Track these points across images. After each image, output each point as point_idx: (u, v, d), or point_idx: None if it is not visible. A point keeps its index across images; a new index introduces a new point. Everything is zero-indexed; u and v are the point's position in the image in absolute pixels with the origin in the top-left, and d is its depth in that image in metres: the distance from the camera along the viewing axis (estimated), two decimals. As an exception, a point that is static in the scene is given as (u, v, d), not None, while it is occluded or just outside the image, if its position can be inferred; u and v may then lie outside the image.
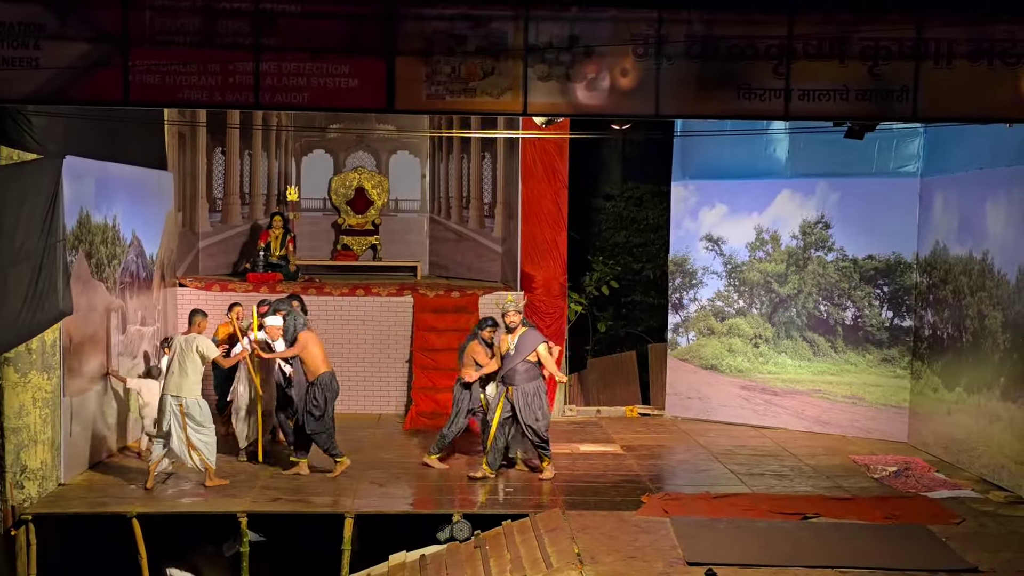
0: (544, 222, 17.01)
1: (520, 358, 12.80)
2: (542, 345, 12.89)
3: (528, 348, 12.83)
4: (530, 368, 12.86)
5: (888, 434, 15.32)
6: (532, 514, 11.54)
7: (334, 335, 16.31)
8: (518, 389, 12.78)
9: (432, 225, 19.55)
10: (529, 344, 12.85)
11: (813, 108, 10.69)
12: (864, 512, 11.78)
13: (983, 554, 10.42)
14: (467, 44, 10.45)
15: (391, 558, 11.45)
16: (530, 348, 12.83)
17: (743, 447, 14.96)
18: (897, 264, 15.34)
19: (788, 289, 16.19)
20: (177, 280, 16.60)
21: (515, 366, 12.80)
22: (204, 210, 18.45)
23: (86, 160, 12.60)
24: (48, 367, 11.92)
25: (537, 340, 12.92)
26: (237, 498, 12.06)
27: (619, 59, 10.51)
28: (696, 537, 10.73)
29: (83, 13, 10.13)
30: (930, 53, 10.54)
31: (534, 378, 12.88)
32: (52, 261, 11.63)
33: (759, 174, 16.33)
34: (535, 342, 12.89)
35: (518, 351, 12.83)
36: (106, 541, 11.65)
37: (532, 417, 12.79)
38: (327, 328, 16.10)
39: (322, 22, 10.39)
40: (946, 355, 14.32)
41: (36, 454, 11.82)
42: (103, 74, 10.20)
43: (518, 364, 12.80)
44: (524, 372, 12.83)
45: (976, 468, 13.44)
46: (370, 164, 19.52)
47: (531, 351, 12.83)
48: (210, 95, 10.41)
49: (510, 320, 12.97)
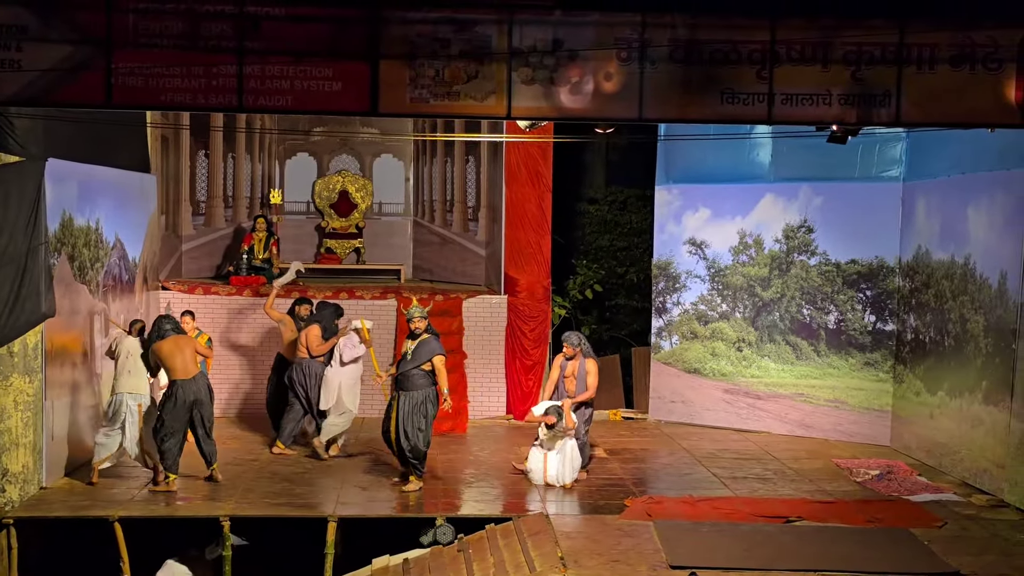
0: (528, 226, 17.01)
1: (415, 365, 12.48)
2: (438, 357, 12.56)
3: (424, 357, 12.49)
4: (423, 376, 12.54)
5: (871, 438, 15.36)
6: (515, 518, 11.53)
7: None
8: (407, 396, 12.47)
9: (416, 228, 19.55)
10: (426, 353, 12.51)
11: (796, 112, 10.74)
12: (847, 516, 11.80)
13: (965, 557, 10.45)
14: (451, 48, 10.47)
15: (374, 562, 11.44)
16: (426, 357, 12.50)
17: (726, 451, 14.98)
18: (880, 268, 15.38)
19: (771, 293, 16.22)
20: (160, 283, 16.55)
21: (408, 372, 12.51)
22: (187, 213, 18.41)
23: (69, 163, 12.55)
24: (30, 370, 11.87)
25: (435, 350, 12.57)
26: (220, 502, 12.02)
27: (603, 63, 10.54)
28: (679, 541, 10.74)
29: (66, 15, 10.13)
30: (912, 58, 10.60)
31: (425, 386, 12.56)
32: (35, 264, 11.59)
33: (742, 178, 16.36)
34: (432, 352, 12.56)
35: (415, 357, 12.53)
36: (88, 545, 11.60)
37: (413, 427, 12.43)
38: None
39: (306, 25, 10.40)
40: (928, 359, 14.36)
41: (18, 457, 11.77)
42: (86, 76, 10.19)
43: (412, 370, 12.50)
44: (416, 380, 12.52)
45: (958, 472, 13.48)
46: (354, 167, 19.52)
47: (427, 360, 12.50)
48: (193, 98, 10.41)
49: (415, 326, 12.61)
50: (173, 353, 12.37)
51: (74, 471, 12.90)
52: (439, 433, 15.53)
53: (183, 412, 12.36)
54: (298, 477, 13.12)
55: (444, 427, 15.70)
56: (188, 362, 12.42)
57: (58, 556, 11.79)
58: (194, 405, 12.41)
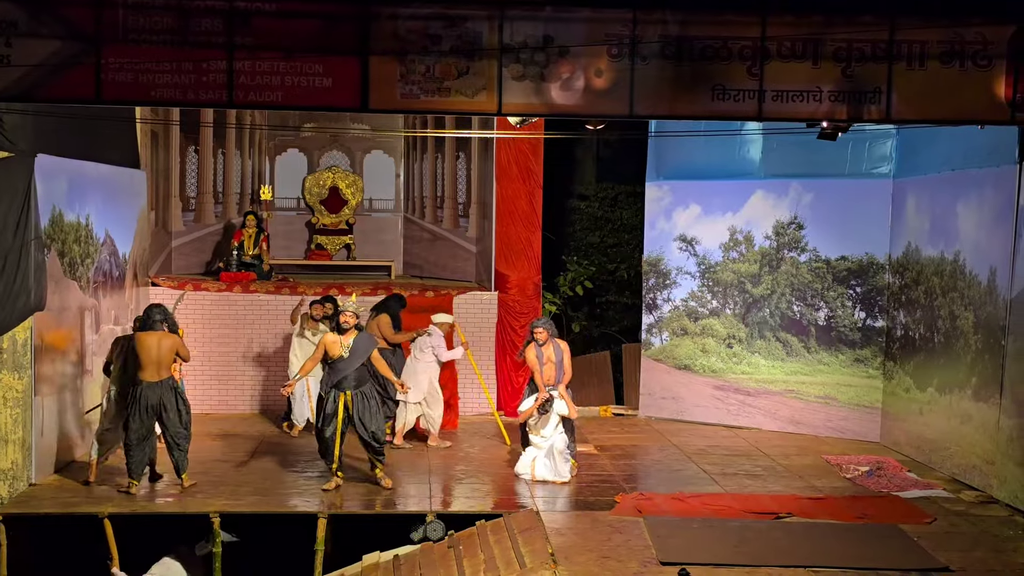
0: (518, 222, 17.01)
1: (358, 362, 12.37)
2: (375, 352, 12.50)
3: (363, 352, 12.40)
4: (364, 371, 12.48)
5: (860, 434, 15.39)
6: (506, 514, 11.53)
7: (308, 335, 16.26)
8: (357, 393, 12.37)
9: (406, 225, 19.52)
10: (364, 348, 12.41)
11: (786, 109, 10.76)
12: (837, 512, 11.82)
13: (955, 553, 10.47)
14: (442, 44, 10.46)
15: (365, 558, 11.42)
16: (365, 355, 12.41)
17: (716, 447, 14.99)
18: (870, 265, 15.41)
19: (761, 290, 16.24)
20: (150, 279, 16.52)
21: (349, 373, 12.35)
22: (177, 209, 18.37)
23: (58, 159, 12.51)
24: (19, 366, 11.85)
25: (371, 347, 12.51)
26: (210, 498, 12.01)
27: (593, 59, 10.55)
28: (669, 537, 10.75)
29: (55, 10, 10.11)
30: (903, 55, 10.63)
31: (366, 381, 12.52)
32: (26, 260, 11.57)
33: (733, 175, 16.37)
34: (368, 350, 12.45)
35: (354, 356, 12.36)
36: (77, 541, 11.59)
37: (373, 423, 12.36)
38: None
39: (296, 21, 10.39)
40: (918, 355, 14.39)
41: (7, 454, 11.75)
42: (76, 72, 10.18)
43: (354, 369, 12.38)
44: (362, 374, 12.47)
45: (948, 468, 13.51)
46: (344, 163, 19.48)
47: (367, 355, 12.42)
48: (183, 93, 10.40)
49: (344, 320, 12.40)
50: (151, 349, 12.04)
51: (63, 467, 12.88)
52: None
53: (148, 418, 12.09)
54: (287, 473, 13.10)
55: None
56: (162, 364, 12.09)
57: (48, 553, 11.76)
58: (160, 410, 12.09)
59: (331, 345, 12.33)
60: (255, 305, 16.54)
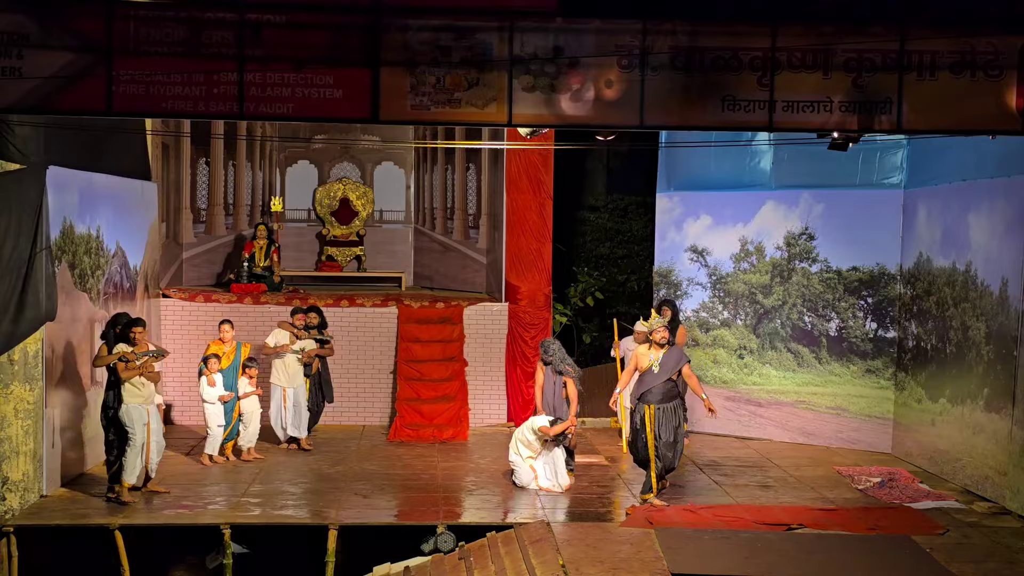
0: (529, 233, 17.00)
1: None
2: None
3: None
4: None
5: (872, 445, 15.35)
6: (517, 525, 11.51)
7: (318, 346, 16.27)
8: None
9: (417, 236, 19.55)
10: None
11: (797, 119, 10.74)
12: (848, 523, 11.79)
13: (967, 565, 10.44)
14: (452, 55, 10.46)
15: (375, 570, 11.42)
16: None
17: (728, 458, 14.96)
18: (881, 275, 15.38)
19: (772, 300, 16.21)
20: (161, 291, 16.55)
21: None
22: (188, 221, 18.42)
23: (69, 170, 12.55)
24: (31, 378, 11.87)
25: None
26: (220, 510, 12.01)
27: (604, 70, 10.55)
28: (680, 548, 10.72)
29: (67, 23, 10.13)
30: (913, 65, 10.61)
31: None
32: (37, 271, 11.60)
33: (743, 186, 16.36)
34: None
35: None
36: (88, 553, 11.58)
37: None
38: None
39: (307, 33, 10.41)
40: (930, 366, 14.35)
41: (18, 466, 11.77)
42: (87, 84, 10.20)
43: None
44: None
45: (960, 479, 13.46)
46: (355, 175, 19.52)
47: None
48: (194, 105, 10.41)
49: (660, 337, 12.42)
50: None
51: (74, 479, 12.88)
52: (440, 441, 15.59)
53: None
54: (299, 484, 13.10)
55: (445, 435, 15.72)
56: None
57: (58, 564, 11.75)
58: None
59: (641, 358, 12.46)
60: (266, 316, 16.54)
